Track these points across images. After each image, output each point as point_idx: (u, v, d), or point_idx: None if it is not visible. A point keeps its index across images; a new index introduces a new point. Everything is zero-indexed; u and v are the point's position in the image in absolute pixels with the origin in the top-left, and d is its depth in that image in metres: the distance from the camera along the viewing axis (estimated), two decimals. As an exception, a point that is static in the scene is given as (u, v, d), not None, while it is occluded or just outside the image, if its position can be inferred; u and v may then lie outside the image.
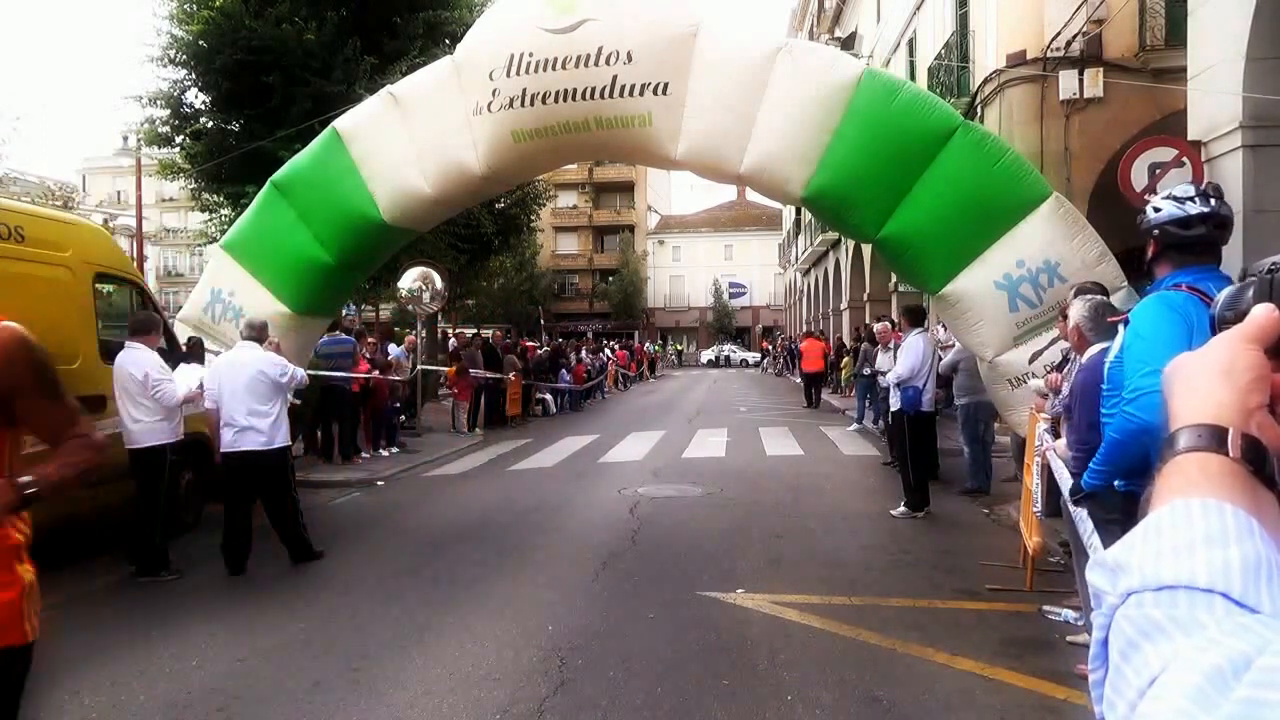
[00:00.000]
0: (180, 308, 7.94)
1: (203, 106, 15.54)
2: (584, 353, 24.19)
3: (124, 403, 5.86)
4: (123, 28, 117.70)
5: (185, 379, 6.18)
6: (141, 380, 5.79)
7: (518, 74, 6.32)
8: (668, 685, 3.93)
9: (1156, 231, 2.96)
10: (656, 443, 13.33)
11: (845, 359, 21.17)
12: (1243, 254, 6.03)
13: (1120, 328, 3.06)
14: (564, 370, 20.67)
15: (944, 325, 11.11)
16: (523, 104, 6.36)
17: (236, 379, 6.03)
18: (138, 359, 5.88)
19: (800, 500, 8.42)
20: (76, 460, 2.11)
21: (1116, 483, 2.98)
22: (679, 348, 56.71)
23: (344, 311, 12.27)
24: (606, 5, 6.24)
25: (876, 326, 11.60)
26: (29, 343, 2.07)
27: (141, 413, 5.84)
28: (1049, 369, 5.34)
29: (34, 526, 2.19)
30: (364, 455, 11.32)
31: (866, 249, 22.05)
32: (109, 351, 6.48)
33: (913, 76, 18.09)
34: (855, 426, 14.23)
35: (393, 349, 13.63)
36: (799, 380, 25.33)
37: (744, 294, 59.53)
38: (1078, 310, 4.09)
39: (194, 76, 14.81)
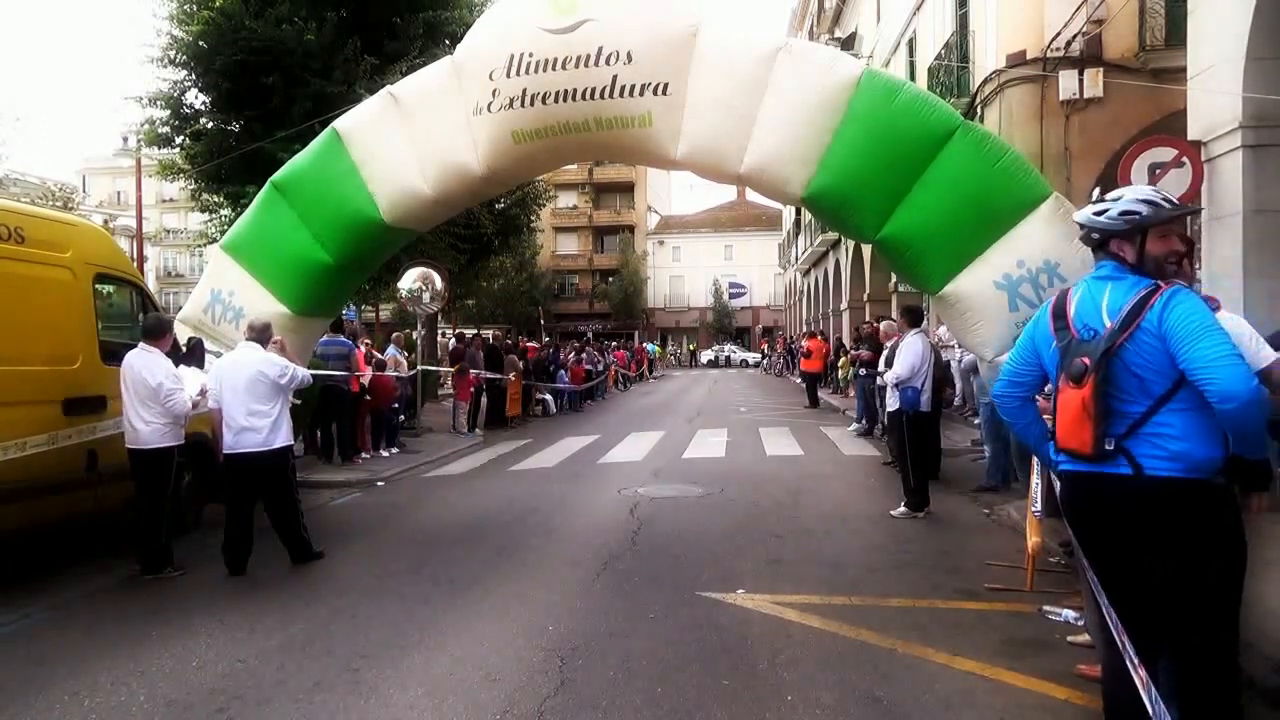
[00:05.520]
0: (180, 308, 7.94)
1: (203, 107, 15.54)
2: (576, 354, 23.90)
3: (132, 404, 5.87)
4: (123, 28, 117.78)
5: (188, 384, 6.19)
6: (154, 387, 5.81)
7: (518, 74, 6.31)
8: (668, 685, 3.93)
9: None
10: (656, 443, 13.34)
11: (844, 359, 21.20)
12: (1242, 254, 6.05)
13: None
14: (561, 371, 20.66)
15: (942, 325, 11.14)
16: (523, 104, 6.35)
17: (237, 379, 6.04)
18: (151, 364, 5.89)
19: (800, 500, 8.42)
20: None
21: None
22: (692, 348, 56.73)
23: (344, 313, 12.27)
24: (606, 5, 6.23)
25: (882, 325, 11.60)
26: None
27: (151, 415, 5.86)
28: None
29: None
30: (364, 456, 11.32)
31: (866, 249, 22.06)
32: (109, 352, 6.49)
33: (913, 77, 18.10)
34: (855, 427, 14.23)
35: (390, 349, 13.63)
36: (799, 381, 25.35)
37: (744, 294, 59.55)
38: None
39: (194, 77, 14.81)
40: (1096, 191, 3.02)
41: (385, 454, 11.77)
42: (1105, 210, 2.86)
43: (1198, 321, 2.59)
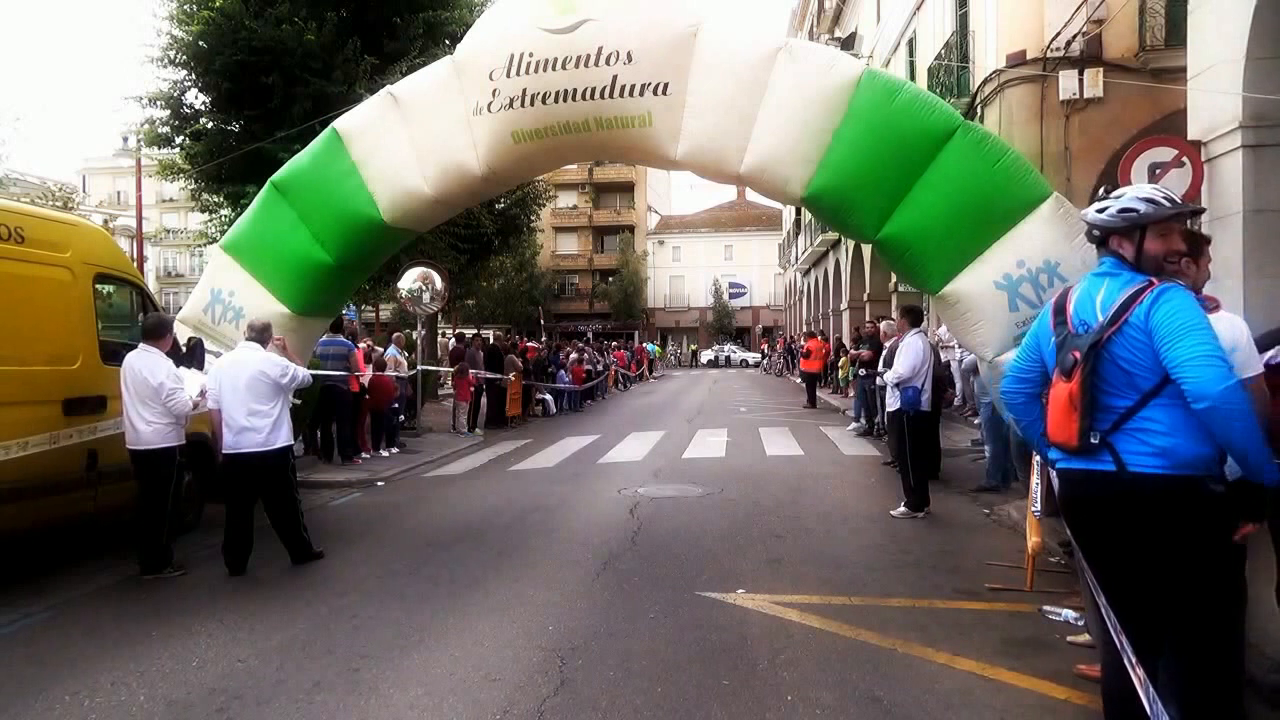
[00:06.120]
0: (180, 308, 7.94)
1: (203, 107, 15.56)
2: (577, 354, 23.86)
3: (133, 404, 5.87)
4: (123, 28, 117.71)
5: (188, 385, 6.19)
6: (155, 387, 5.82)
7: (518, 74, 6.31)
8: (668, 685, 3.93)
9: None
10: (656, 443, 13.34)
11: (844, 359, 21.22)
12: (1242, 253, 6.04)
13: None
14: (562, 371, 20.67)
15: (942, 325, 11.15)
16: (523, 104, 6.35)
17: (237, 379, 6.04)
18: (152, 364, 5.89)
19: (800, 500, 8.42)
20: None
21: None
22: (693, 348, 56.86)
23: (345, 313, 12.28)
24: (606, 5, 6.23)
25: (882, 325, 11.61)
26: None
27: (152, 415, 5.87)
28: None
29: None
30: (364, 456, 11.33)
31: (866, 249, 22.06)
32: (109, 352, 6.49)
33: (913, 76, 18.10)
34: (853, 426, 14.23)
35: (390, 349, 13.64)
36: (799, 380, 25.35)
37: (744, 294, 59.54)
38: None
39: (194, 77, 14.82)
40: (1103, 190, 3.01)
41: (385, 454, 11.77)
42: (1107, 208, 2.88)
43: (1181, 320, 2.59)
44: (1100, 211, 2.90)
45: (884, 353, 9.69)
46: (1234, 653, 2.82)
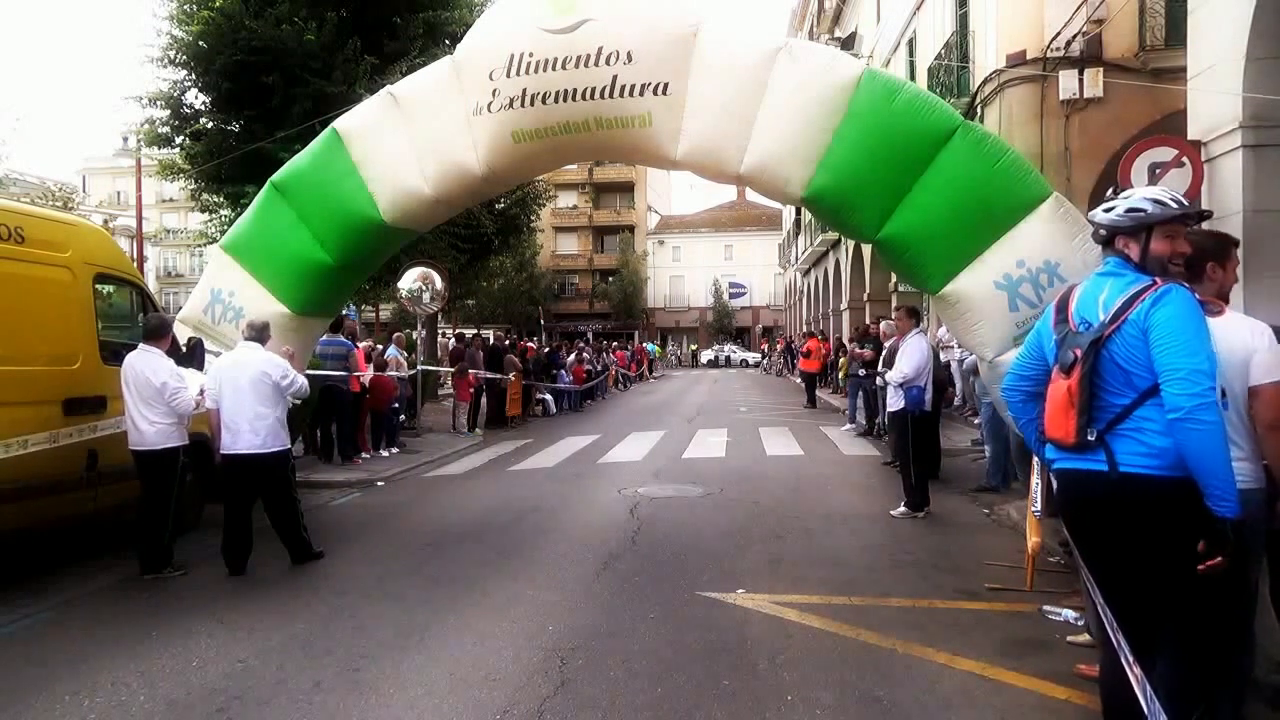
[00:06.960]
0: (180, 308, 7.94)
1: (203, 107, 15.55)
2: (577, 354, 23.88)
3: (135, 404, 5.87)
4: (123, 28, 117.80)
5: (189, 385, 6.20)
6: (159, 387, 5.82)
7: (518, 74, 6.31)
8: (668, 685, 3.93)
9: None
10: (657, 443, 13.34)
11: (844, 359, 21.21)
12: (1242, 254, 6.04)
13: None
14: (562, 371, 20.67)
15: (942, 325, 11.15)
16: (523, 104, 6.35)
17: (239, 380, 6.04)
18: (154, 364, 5.89)
19: (800, 500, 8.42)
20: None
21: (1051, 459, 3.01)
22: (693, 348, 56.91)
23: (344, 313, 12.28)
24: (606, 5, 6.23)
25: (882, 325, 11.61)
26: None
27: (155, 415, 5.86)
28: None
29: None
30: (364, 456, 11.32)
31: (866, 249, 22.07)
32: (109, 352, 6.49)
33: (913, 76, 18.10)
34: (849, 427, 14.23)
35: (390, 349, 13.65)
36: (799, 380, 25.36)
37: (744, 294, 59.55)
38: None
39: (194, 77, 14.82)
40: (1111, 190, 3.01)
41: (385, 454, 11.77)
42: (1114, 207, 2.89)
43: (1174, 327, 2.59)
44: (1108, 211, 2.91)
45: (884, 353, 9.69)
46: (1233, 654, 2.82)
